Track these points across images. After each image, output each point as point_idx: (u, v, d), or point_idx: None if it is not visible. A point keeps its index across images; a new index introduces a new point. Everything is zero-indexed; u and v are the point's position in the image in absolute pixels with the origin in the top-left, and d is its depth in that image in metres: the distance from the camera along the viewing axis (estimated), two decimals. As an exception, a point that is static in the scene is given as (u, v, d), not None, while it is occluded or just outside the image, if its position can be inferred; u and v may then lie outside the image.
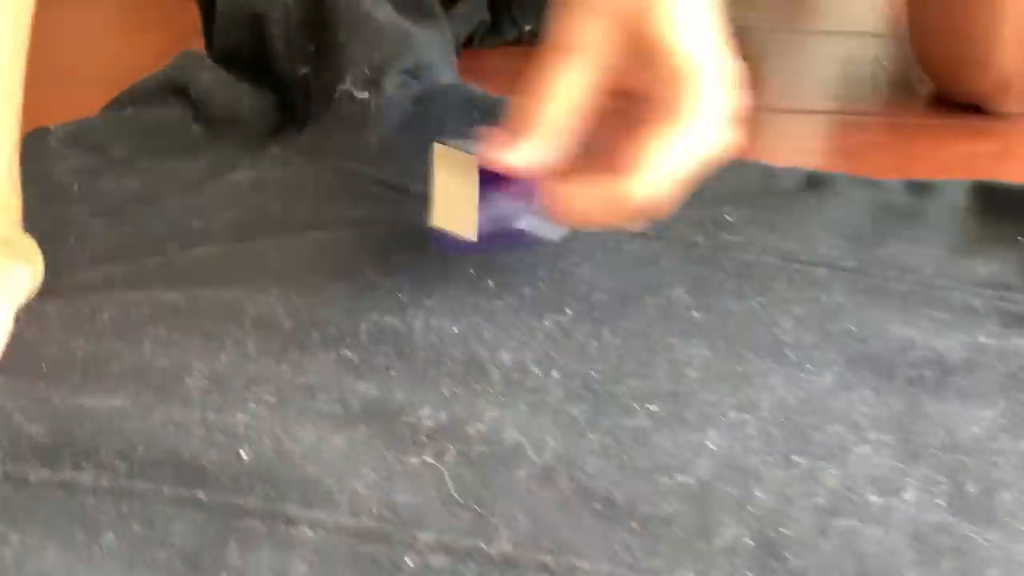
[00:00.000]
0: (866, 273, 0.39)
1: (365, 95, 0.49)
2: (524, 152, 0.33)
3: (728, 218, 0.43)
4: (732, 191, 0.45)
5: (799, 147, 0.59)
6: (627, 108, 0.34)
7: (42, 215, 0.43)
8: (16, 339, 0.35)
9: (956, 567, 0.26)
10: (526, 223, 0.35)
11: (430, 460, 0.30)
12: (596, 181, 0.32)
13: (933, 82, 0.61)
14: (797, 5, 0.83)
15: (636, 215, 0.32)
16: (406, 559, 0.27)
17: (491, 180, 0.34)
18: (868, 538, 0.27)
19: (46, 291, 0.39)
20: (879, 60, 0.69)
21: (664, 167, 0.32)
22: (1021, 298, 0.38)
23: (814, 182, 0.46)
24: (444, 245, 0.36)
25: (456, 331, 0.35)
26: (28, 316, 0.36)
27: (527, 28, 0.71)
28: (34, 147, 0.48)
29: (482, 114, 0.49)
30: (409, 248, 0.40)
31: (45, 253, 0.40)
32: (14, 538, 0.27)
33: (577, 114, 0.33)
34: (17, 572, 0.25)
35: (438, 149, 0.35)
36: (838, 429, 0.31)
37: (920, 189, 0.46)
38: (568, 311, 0.37)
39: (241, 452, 0.30)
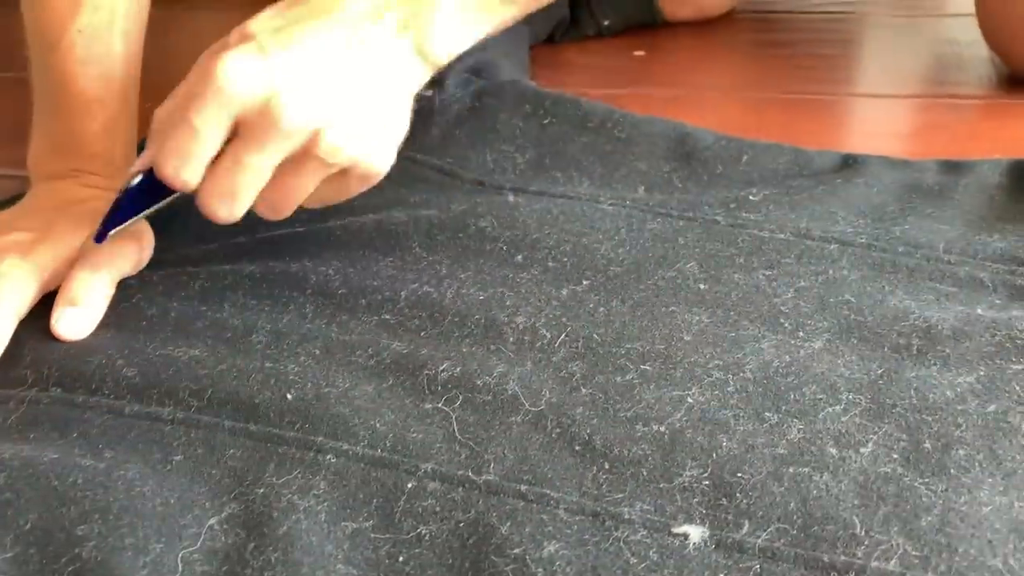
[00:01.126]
0: (876, 248, 0.41)
1: (429, 93, 0.54)
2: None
3: (752, 198, 0.45)
4: (762, 173, 0.47)
5: (861, 130, 0.60)
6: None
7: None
8: (125, 301, 0.42)
9: (893, 512, 0.29)
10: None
11: (441, 406, 0.35)
12: None
13: (1003, 61, 0.60)
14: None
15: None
16: (407, 484, 0.32)
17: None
18: (817, 484, 0.30)
19: (155, 262, 0.46)
20: (964, 42, 0.68)
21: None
22: (1033, 272, 0.39)
23: (847, 163, 0.48)
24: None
25: (482, 298, 0.40)
26: (137, 283, 0.44)
27: (605, 23, 0.74)
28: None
29: (534, 108, 0.53)
30: (453, 227, 0.45)
31: (157, 233, 0.47)
32: (108, 454, 0.34)
33: None
34: (106, 479, 0.32)
35: None
36: (814, 390, 0.34)
37: (954, 168, 0.46)
38: (584, 282, 0.41)
39: (288, 394, 0.36)
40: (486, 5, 0.41)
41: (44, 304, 0.41)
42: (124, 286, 0.43)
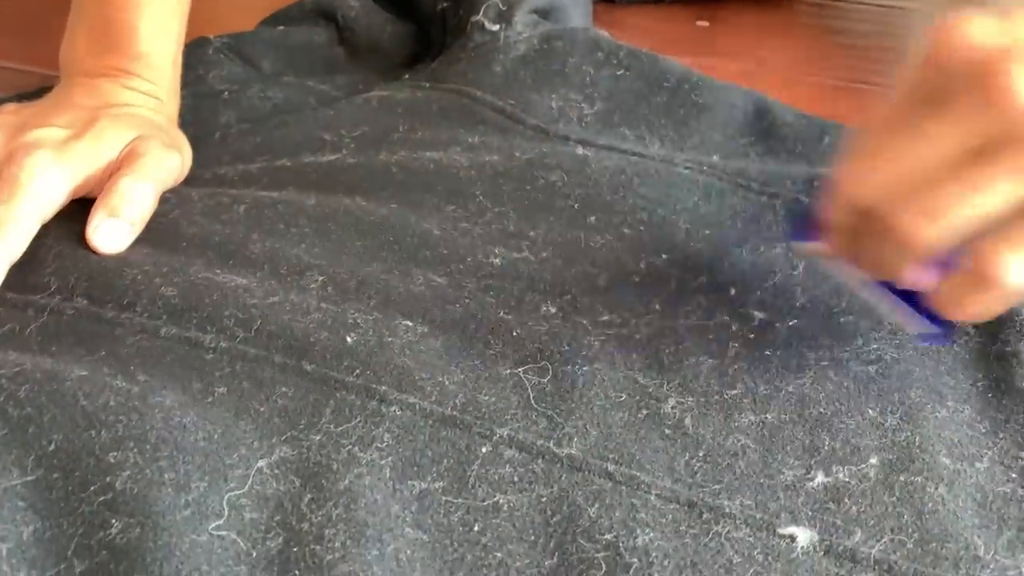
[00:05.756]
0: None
1: (496, 28, 0.51)
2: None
3: (839, 181, 0.42)
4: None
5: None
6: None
7: (195, 114, 0.47)
8: (162, 217, 0.38)
9: (1017, 537, 0.26)
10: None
11: (518, 372, 0.32)
12: None
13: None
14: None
15: None
16: (481, 447, 0.29)
17: None
18: (932, 496, 0.28)
19: (190, 180, 0.42)
20: None
21: None
22: None
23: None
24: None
25: (556, 265, 0.37)
26: (175, 199, 0.40)
27: (668, -12, 0.71)
28: (195, 54, 0.51)
29: (607, 57, 0.50)
30: (519, 178, 0.42)
31: (193, 147, 0.43)
32: (141, 377, 0.30)
33: None
34: (141, 404, 0.29)
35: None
36: (919, 393, 0.31)
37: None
38: (664, 255, 0.38)
39: (347, 337, 0.32)
40: None
41: (73, 208, 0.37)
42: (161, 200, 0.39)
